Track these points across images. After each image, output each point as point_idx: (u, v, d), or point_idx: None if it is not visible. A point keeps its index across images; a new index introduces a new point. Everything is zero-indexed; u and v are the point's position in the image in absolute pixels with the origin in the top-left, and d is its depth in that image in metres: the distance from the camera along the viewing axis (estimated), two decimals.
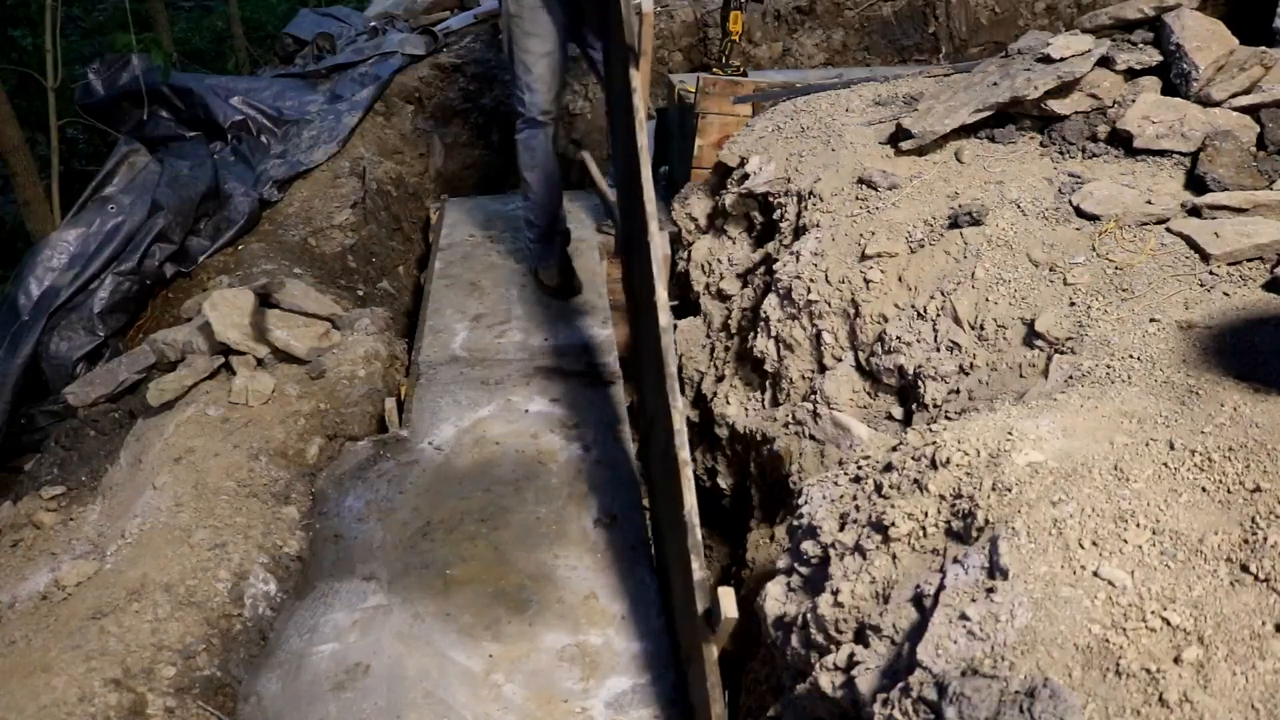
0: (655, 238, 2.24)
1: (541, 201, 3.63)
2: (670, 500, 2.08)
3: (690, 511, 1.89)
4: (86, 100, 4.26)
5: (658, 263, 2.20)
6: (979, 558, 1.25)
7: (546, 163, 3.55)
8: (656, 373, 2.18)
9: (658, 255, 2.22)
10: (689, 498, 1.91)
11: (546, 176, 3.58)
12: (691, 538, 1.87)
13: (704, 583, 1.84)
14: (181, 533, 2.36)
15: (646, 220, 2.26)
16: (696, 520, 1.89)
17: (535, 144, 3.50)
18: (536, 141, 3.50)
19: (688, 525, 1.88)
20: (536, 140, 3.49)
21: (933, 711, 1.09)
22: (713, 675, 1.80)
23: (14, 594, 2.28)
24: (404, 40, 5.24)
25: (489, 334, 3.49)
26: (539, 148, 3.51)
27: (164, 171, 3.67)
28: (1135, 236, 1.95)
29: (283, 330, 3.05)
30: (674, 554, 2.10)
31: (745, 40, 4.98)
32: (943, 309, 2.05)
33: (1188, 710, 1.00)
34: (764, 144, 2.92)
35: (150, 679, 1.99)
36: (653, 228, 2.24)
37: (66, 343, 3.26)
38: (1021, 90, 2.37)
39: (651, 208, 2.27)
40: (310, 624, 2.26)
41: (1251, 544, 1.18)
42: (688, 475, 1.94)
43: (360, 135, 4.59)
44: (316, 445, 2.80)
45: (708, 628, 1.80)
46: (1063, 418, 1.49)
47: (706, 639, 1.81)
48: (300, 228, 4.00)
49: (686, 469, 1.94)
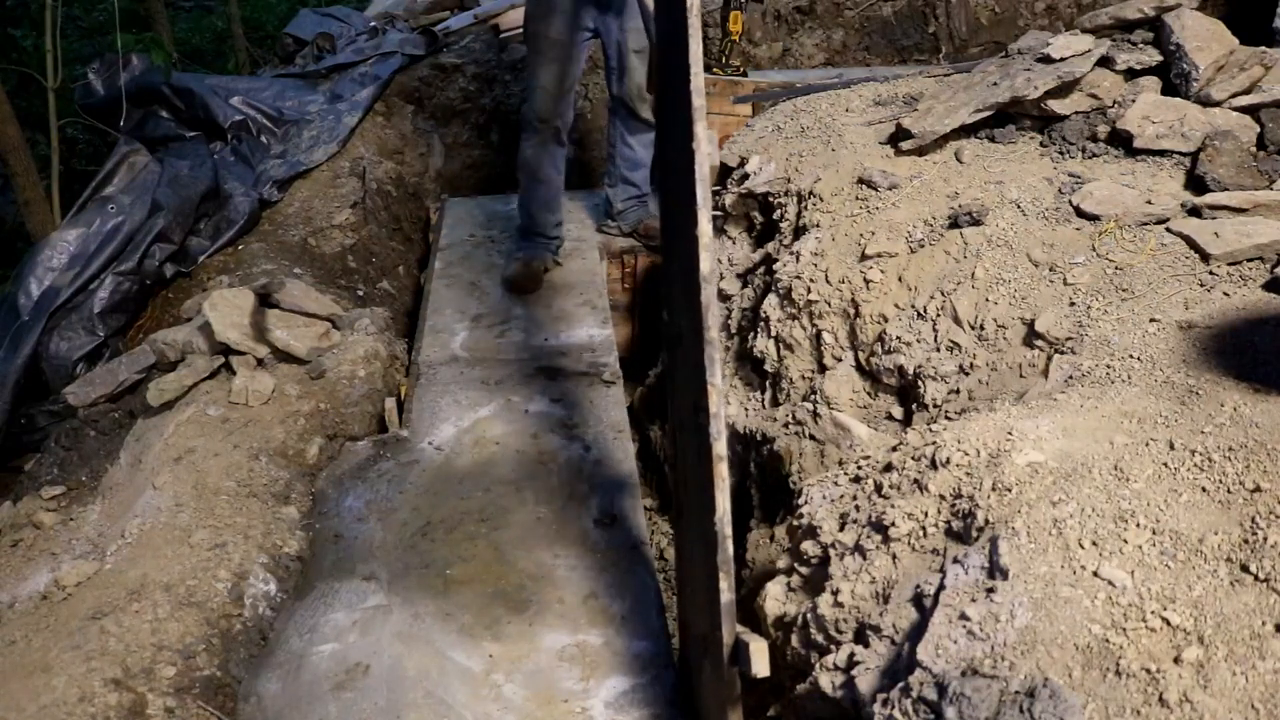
0: (701, 142, 1.54)
1: (524, 201, 3.77)
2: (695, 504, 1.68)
3: (722, 520, 1.49)
4: (86, 100, 4.26)
5: (702, 180, 1.53)
6: (979, 558, 1.25)
7: (534, 167, 3.64)
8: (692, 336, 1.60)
9: (703, 169, 1.54)
10: (722, 501, 1.50)
11: (531, 178, 3.67)
12: (722, 553, 1.49)
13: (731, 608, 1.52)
14: (181, 533, 2.36)
15: (691, 117, 1.54)
16: (729, 530, 1.49)
17: (527, 147, 3.61)
18: (529, 145, 3.60)
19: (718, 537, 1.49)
20: (529, 144, 3.60)
21: (933, 711, 1.09)
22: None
23: (14, 594, 2.28)
24: (404, 40, 5.24)
25: (489, 334, 3.48)
26: (529, 151, 3.62)
27: (164, 171, 3.67)
28: (1135, 236, 1.95)
29: (283, 330, 3.05)
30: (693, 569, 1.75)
31: (745, 40, 4.97)
32: (943, 309, 2.05)
33: (1188, 710, 1.00)
34: (764, 144, 2.92)
35: (150, 679, 1.99)
36: (699, 129, 1.54)
37: (66, 343, 3.25)
38: (1021, 90, 2.37)
39: (700, 100, 1.55)
40: (310, 624, 2.25)
41: (1251, 544, 1.18)
42: (722, 473, 1.50)
43: (360, 135, 4.59)
44: (316, 445, 2.80)
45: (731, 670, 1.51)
46: (1063, 418, 1.49)
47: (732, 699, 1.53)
48: (300, 228, 4.00)
49: (721, 465, 1.50)
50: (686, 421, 1.71)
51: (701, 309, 1.54)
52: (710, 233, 1.56)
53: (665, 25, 1.80)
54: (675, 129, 1.68)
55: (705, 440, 1.52)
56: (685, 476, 1.80)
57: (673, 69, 1.67)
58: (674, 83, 1.66)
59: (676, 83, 1.63)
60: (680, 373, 1.78)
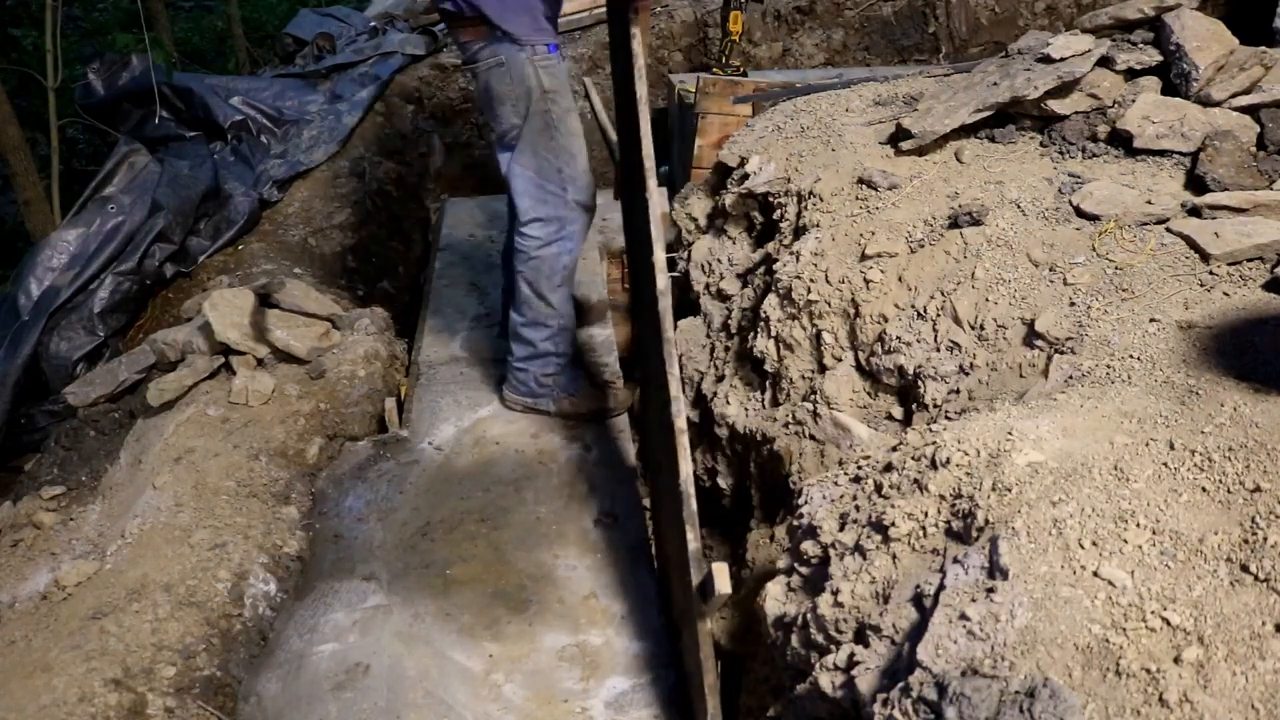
0: (653, 194, 2.08)
1: (568, 324, 2.96)
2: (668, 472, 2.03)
3: (685, 480, 1.83)
4: (86, 100, 4.27)
5: (655, 221, 2.06)
6: (979, 558, 1.25)
7: (575, 272, 2.90)
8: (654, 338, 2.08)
9: (655, 213, 2.07)
10: (685, 466, 1.85)
11: (572, 290, 2.92)
12: (686, 508, 1.82)
13: (698, 554, 1.81)
14: (181, 533, 2.36)
15: (645, 176, 2.10)
16: (692, 490, 1.83)
17: (567, 253, 2.81)
18: (570, 247, 2.80)
19: (683, 495, 1.82)
20: (570, 245, 2.80)
21: (933, 711, 1.09)
22: (705, 646, 1.82)
23: (14, 594, 2.28)
24: (404, 40, 5.24)
25: (489, 334, 3.49)
26: (573, 255, 2.83)
27: (164, 171, 3.68)
28: (1135, 236, 1.95)
29: (283, 330, 3.05)
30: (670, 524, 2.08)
31: (745, 40, 4.98)
32: (943, 309, 2.04)
33: (1188, 710, 1.00)
34: (764, 144, 2.92)
35: (150, 679, 1.99)
36: (651, 184, 2.09)
37: (66, 343, 3.26)
38: (1021, 90, 2.37)
39: (650, 163, 2.11)
40: (310, 624, 2.26)
41: (1251, 544, 1.18)
42: (683, 444, 1.87)
43: (360, 135, 4.60)
44: (316, 445, 2.80)
45: (701, 601, 1.79)
46: (1063, 418, 1.49)
47: (701, 614, 1.81)
48: (300, 228, 4.00)
49: (683, 437, 1.88)
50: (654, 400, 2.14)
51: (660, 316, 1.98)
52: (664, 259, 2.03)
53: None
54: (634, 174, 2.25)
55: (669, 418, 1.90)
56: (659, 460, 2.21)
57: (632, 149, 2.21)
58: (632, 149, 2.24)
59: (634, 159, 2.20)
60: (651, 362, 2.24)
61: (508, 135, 2.67)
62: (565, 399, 3.01)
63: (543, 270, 2.80)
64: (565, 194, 2.72)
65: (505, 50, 2.54)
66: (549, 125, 2.64)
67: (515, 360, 2.98)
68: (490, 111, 2.67)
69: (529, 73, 2.56)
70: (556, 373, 2.99)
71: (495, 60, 2.55)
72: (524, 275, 2.83)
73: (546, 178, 2.69)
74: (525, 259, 2.80)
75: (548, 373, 2.98)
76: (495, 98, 2.61)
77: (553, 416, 3.02)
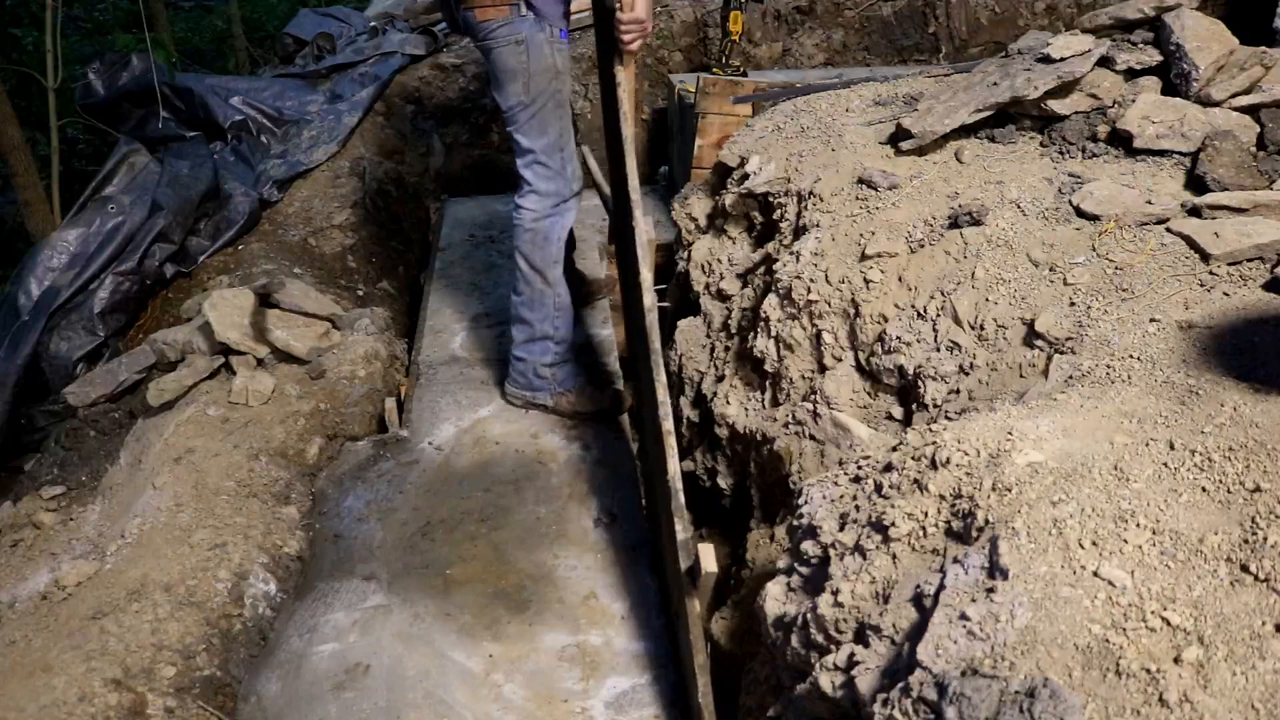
0: (639, 222, 2.38)
1: (565, 305, 2.99)
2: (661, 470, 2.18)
3: (673, 477, 2.01)
4: (86, 100, 4.26)
5: (641, 246, 2.36)
6: (979, 558, 1.25)
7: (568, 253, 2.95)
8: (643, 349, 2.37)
9: (641, 239, 2.36)
10: (672, 464, 2.04)
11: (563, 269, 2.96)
12: (675, 501, 1.98)
13: (687, 543, 1.93)
14: (181, 533, 2.36)
15: (631, 207, 2.41)
16: (680, 485, 2.01)
17: (561, 227, 2.90)
18: (565, 221, 2.91)
19: (671, 490, 2.00)
20: (564, 220, 2.91)
21: (933, 711, 1.09)
22: (695, 628, 1.92)
23: (14, 594, 2.28)
24: (404, 40, 5.24)
25: (489, 334, 3.49)
26: (564, 232, 2.93)
27: (164, 171, 3.68)
28: (1135, 236, 1.95)
29: (283, 330, 3.05)
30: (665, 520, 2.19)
31: (745, 40, 4.98)
32: (943, 309, 2.04)
33: (1188, 710, 1.00)
34: (764, 144, 2.92)
35: (150, 679, 1.99)
36: (637, 214, 2.38)
37: (66, 343, 3.26)
38: (1021, 90, 2.37)
39: (636, 195, 2.41)
40: (310, 624, 2.26)
41: (1251, 544, 1.18)
42: (671, 444, 2.07)
43: (360, 135, 4.59)
44: (316, 445, 2.80)
45: (690, 583, 1.91)
46: (1063, 418, 1.49)
47: (689, 594, 1.92)
48: (300, 228, 4.00)
49: (670, 439, 2.08)
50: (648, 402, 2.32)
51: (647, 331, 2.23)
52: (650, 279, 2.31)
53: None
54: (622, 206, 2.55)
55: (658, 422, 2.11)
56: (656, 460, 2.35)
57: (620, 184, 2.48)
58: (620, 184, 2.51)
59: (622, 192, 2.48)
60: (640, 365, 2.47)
61: (516, 110, 2.77)
62: (563, 395, 3.06)
63: (537, 242, 2.89)
64: (565, 170, 2.84)
65: (526, 29, 2.63)
66: (559, 105, 2.75)
67: (515, 348, 3.05)
68: (501, 89, 2.76)
69: (547, 52, 2.66)
70: (554, 363, 3.04)
71: (514, 38, 2.66)
72: (521, 250, 2.92)
73: (550, 154, 2.80)
74: (522, 231, 2.89)
75: (546, 362, 3.03)
76: (509, 74, 2.70)
77: (549, 412, 3.06)
